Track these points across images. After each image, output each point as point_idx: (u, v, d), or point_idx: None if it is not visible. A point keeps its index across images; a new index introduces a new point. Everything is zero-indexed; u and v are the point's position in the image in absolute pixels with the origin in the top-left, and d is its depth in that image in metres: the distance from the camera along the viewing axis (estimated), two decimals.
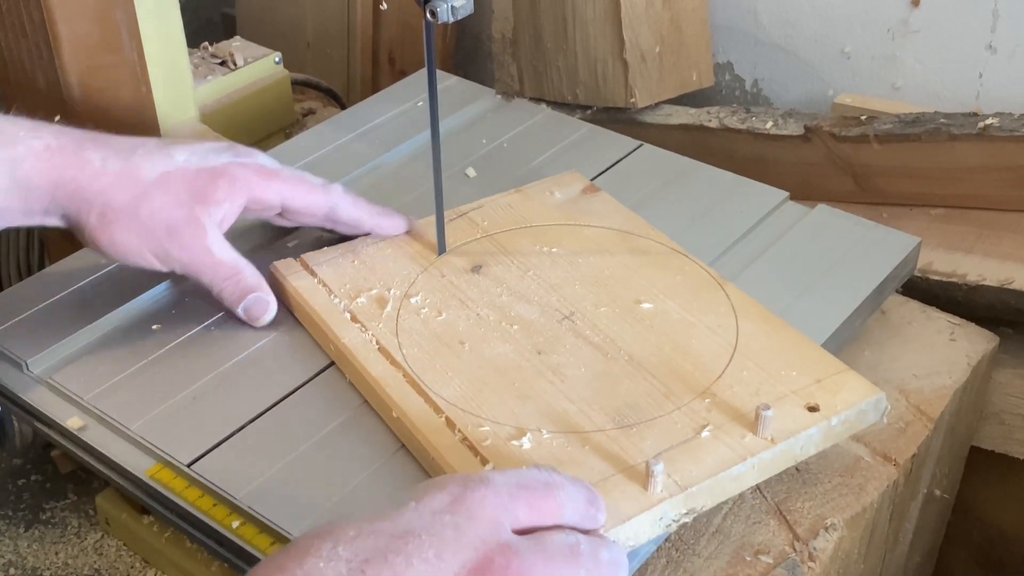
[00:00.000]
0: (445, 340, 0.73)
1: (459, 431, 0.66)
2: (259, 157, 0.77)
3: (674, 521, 0.62)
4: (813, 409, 0.66)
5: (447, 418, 0.67)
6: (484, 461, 0.64)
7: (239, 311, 0.75)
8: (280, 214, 0.79)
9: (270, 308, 0.76)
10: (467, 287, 0.77)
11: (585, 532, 0.55)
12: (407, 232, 0.82)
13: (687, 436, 0.65)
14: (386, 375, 0.70)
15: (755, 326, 0.73)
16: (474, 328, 0.74)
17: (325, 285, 0.77)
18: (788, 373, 0.69)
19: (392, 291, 0.77)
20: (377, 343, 0.72)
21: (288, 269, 0.79)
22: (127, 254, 0.73)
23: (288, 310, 0.78)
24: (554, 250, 0.80)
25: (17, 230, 1.12)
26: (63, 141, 0.72)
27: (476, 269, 0.79)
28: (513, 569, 0.50)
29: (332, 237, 0.83)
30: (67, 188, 0.71)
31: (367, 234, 0.82)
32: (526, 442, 0.65)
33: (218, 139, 0.82)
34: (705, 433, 0.65)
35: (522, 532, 0.53)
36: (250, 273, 0.75)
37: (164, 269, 0.74)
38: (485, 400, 0.68)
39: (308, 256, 0.80)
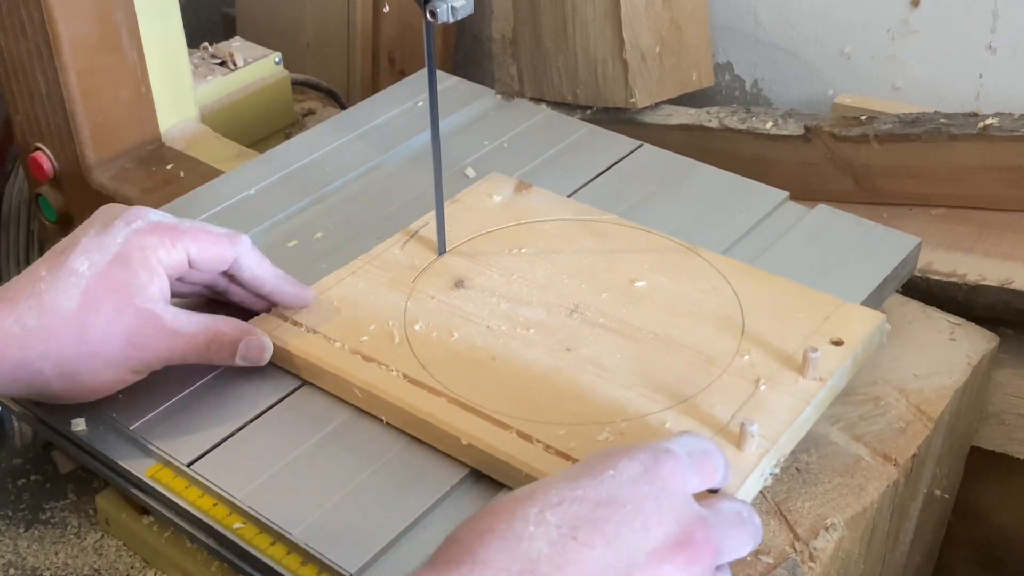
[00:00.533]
0: (471, 358, 0.71)
1: (538, 441, 0.65)
2: (150, 215, 0.70)
3: (770, 474, 0.65)
4: (838, 343, 0.70)
5: (518, 432, 0.66)
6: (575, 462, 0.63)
7: (237, 362, 0.71)
8: (180, 278, 0.72)
9: (265, 346, 0.71)
10: (461, 303, 0.76)
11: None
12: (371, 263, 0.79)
13: (749, 392, 0.67)
14: (434, 407, 0.68)
15: (743, 280, 0.76)
16: (493, 341, 0.73)
17: (317, 332, 0.73)
18: (797, 315, 0.73)
19: (391, 323, 0.74)
20: (404, 376, 0.70)
21: (269, 324, 0.74)
22: (109, 389, 0.69)
23: (278, 366, 0.74)
24: (523, 250, 0.80)
25: (17, 228, 1.12)
26: None
27: (459, 284, 0.77)
28: (712, 543, 0.53)
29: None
30: (3, 368, 0.65)
31: (265, 308, 0.75)
32: (608, 436, 0.65)
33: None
34: (763, 386, 0.67)
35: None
36: (226, 326, 0.70)
37: (143, 377, 0.70)
38: (544, 406, 0.67)
39: (277, 311, 0.75)
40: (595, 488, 0.52)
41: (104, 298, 0.66)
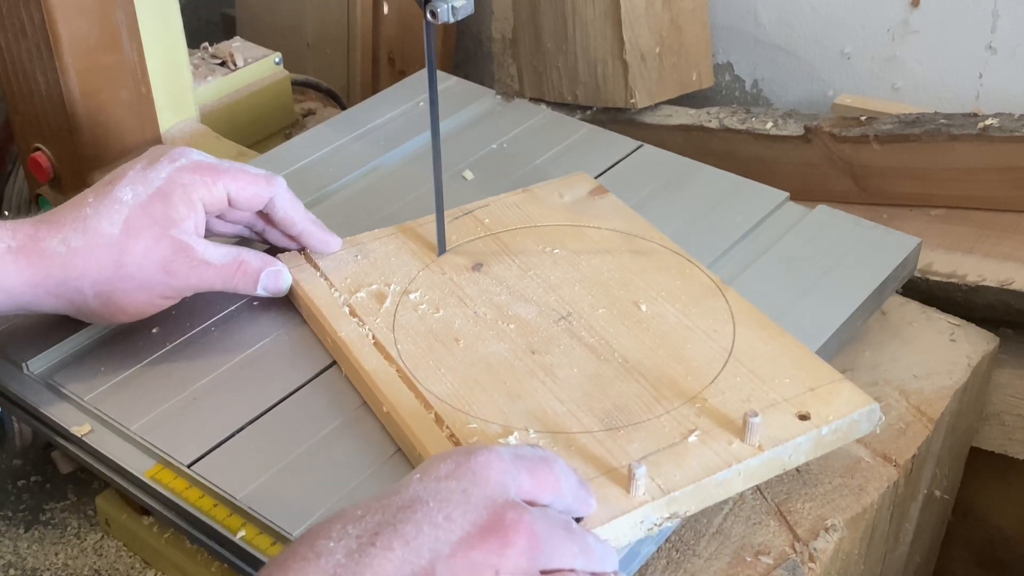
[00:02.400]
0: (440, 337, 0.73)
1: (447, 427, 0.66)
2: (193, 154, 0.75)
3: (656, 524, 0.62)
4: (804, 417, 0.65)
5: (436, 414, 0.67)
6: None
7: (258, 292, 0.75)
8: (220, 216, 0.77)
9: (283, 276, 0.76)
10: (467, 285, 0.77)
11: (577, 519, 0.57)
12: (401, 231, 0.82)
13: (673, 440, 0.64)
14: (379, 369, 0.71)
15: (752, 332, 0.72)
16: (470, 326, 0.74)
17: (326, 278, 0.78)
18: (782, 380, 0.68)
19: (392, 287, 0.77)
20: (373, 338, 0.73)
21: (292, 261, 0.79)
22: (141, 312, 0.72)
23: (290, 301, 0.78)
24: (556, 251, 0.80)
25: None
26: (20, 239, 0.69)
27: (477, 267, 0.79)
28: (524, 524, 0.51)
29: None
30: (47, 284, 0.69)
31: (297, 248, 0.80)
32: (512, 440, 0.65)
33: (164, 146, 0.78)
34: (692, 438, 0.64)
35: (529, 503, 0.54)
36: (251, 257, 0.74)
37: (174, 303, 0.74)
38: (475, 398, 0.68)
39: (306, 253, 0.80)
40: (399, 495, 0.52)
41: (144, 227, 0.70)
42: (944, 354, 0.84)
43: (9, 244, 0.69)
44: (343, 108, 1.22)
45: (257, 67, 1.12)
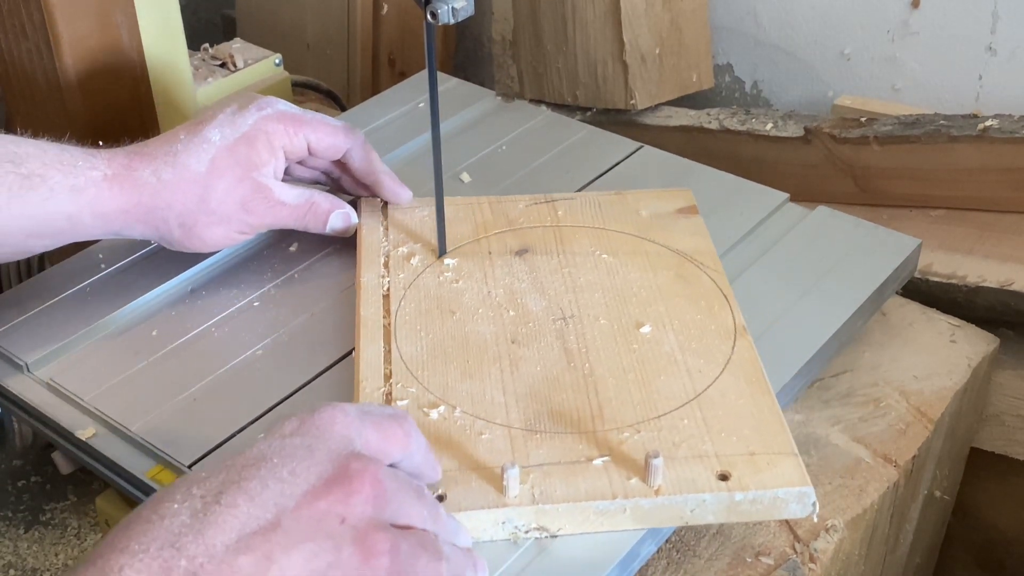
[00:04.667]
0: (442, 305, 0.76)
1: (388, 386, 0.69)
2: (279, 104, 0.80)
3: (521, 531, 0.62)
4: (723, 477, 0.62)
5: (389, 371, 0.70)
6: None
7: (327, 231, 0.81)
8: (301, 162, 0.82)
9: (350, 218, 0.82)
10: (500, 265, 0.79)
11: (428, 486, 0.58)
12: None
13: (577, 459, 0.64)
14: (370, 318, 0.74)
15: (735, 383, 0.69)
16: (476, 303, 0.76)
17: (385, 228, 0.83)
18: (728, 436, 0.65)
19: (432, 250, 0.80)
20: (386, 289, 0.77)
21: (368, 206, 0.85)
22: (218, 244, 0.78)
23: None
24: (604, 256, 0.80)
25: None
26: (115, 168, 0.74)
27: (521, 252, 0.80)
28: (369, 473, 0.51)
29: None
30: (137, 212, 0.74)
31: (370, 196, 0.85)
32: (434, 414, 0.67)
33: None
34: (597, 462, 0.64)
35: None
36: (322, 199, 0.80)
37: (250, 237, 0.80)
38: (432, 366, 0.71)
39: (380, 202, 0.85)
40: (244, 455, 0.51)
41: (228, 167, 0.76)
42: (944, 355, 0.84)
43: (105, 172, 0.74)
44: (343, 109, 1.22)
45: (257, 68, 1.12)
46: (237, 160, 0.76)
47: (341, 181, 0.86)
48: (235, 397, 0.72)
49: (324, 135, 0.80)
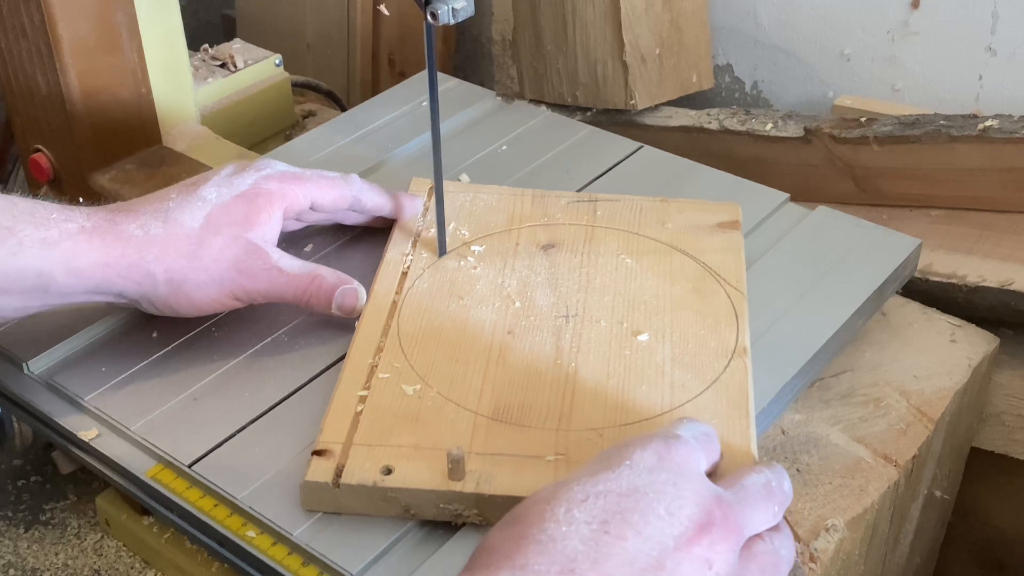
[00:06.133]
0: (453, 288, 0.77)
1: (376, 358, 0.71)
2: (278, 165, 0.78)
3: (465, 516, 0.63)
4: None
5: (382, 344, 0.72)
6: (366, 387, 0.69)
7: (333, 310, 0.75)
8: (298, 218, 0.80)
9: (360, 295, 0.76)
10: (523, 257, 0.80)
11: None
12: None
13: (532, 453, 0.64)
14: (382, 292, 0.76)
15: (715, 403, 0.68)
16: (486, 290, 0.77)
17: (426, 209, 0.84)
18: None
19: (465, 233, 0.82)
20: (406, 267, 0.78)
21: (417, 187, 0.87)
22: (207, 307, 0.73)
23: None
24: (628, 261, 0.79)
25: None
26: (95, 221, 0.70)
27: (547, 247, 0.80)
28: (731, 521, 0.53)
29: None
30: (118, 266, 0.70)
31: (385, 226, 0.84)
32: (410, 390, 0.68)
33: (237, 158, 0.83)
34: (549, 459, 0.64)
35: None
36: (326, 272, 0.75)
37: (243, 305, 0.74)
38: (423, 345, 0.72)
39: (448, 182, 0.85)
40: (615, 481, 0.53)
41: (224, 224, 0.72)
42: (944, 355, 0.84)
43: (83, 224, 0.70)
44: (343, 109, 1.22)
45: (257, 68, 1.12)
46: (234, 218, 0.73)
47: (349, 219, 0.84)
48: (235, 397, 0.72)
49: (327, 190, 0.78)
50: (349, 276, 0.76)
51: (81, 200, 0.74)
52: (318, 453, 0.64)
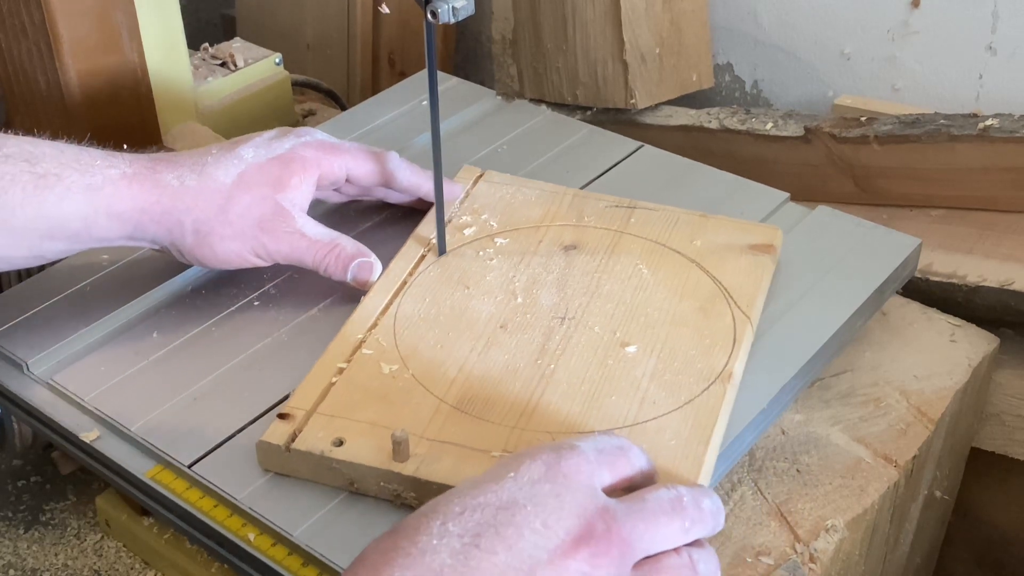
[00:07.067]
0: (462, 278, 0.77)
1: (367, 334, 0.72)
2: (317, 134, 0.80)
3: (404, 498, 0.64)
4: None
5: (376, 323, 0.73)
6: (347, 360, 0.70)
7: (348, 279, 0.77)
8: (337, 189, 0.82)
9: (374, 268, 0.78)
10: (541, 255, 0.80)
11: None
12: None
13: (481, 447, 0.64)
14: (395, 272, 0.78)
15: (681, 424, 0.66)
16: (494, 283, 0.77)
17: (466, 196, 0.85)
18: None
19: (493, 225, 0.82)
20: (424, 252, 0.79)
21: (464, 175, 0.88)
22: (229, 260, 0.76)
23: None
24: (644, 271, 0.78)
25: None
26: (136, 168, 0.73)
27: (568, 248, 0.80)
28: (614, 533, 0.52)
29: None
30: (152, 212, 0.73)
31: (421, 206, 0.85)
32: (387, 368, 0.70)
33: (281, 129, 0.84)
34: (495, 454, 0.64)
35: (609, 492, 0.55)
36: (347, 242, 0.77)
37: (266, 264, 0.77)
38: (415, 330, 0.73)
39: (488, 173, 0.88)
40: (496, 493, 0.52)
41: (255, 183, 0.75)
42: (944, 355, 0.84)
43: (125, 171, 0.73)
44: (343, 109, 1.22)
45: (257, 68, 1.12)
46: (266, 179, 0.75)
47: (388, 197, 0.86)
48: (235, 397, 0.72)
49: (363, 161, 0.80)
50: (369, 249, 0.78)
51: (125, 147, 0.77)
52: (282, 416, 0.66)
